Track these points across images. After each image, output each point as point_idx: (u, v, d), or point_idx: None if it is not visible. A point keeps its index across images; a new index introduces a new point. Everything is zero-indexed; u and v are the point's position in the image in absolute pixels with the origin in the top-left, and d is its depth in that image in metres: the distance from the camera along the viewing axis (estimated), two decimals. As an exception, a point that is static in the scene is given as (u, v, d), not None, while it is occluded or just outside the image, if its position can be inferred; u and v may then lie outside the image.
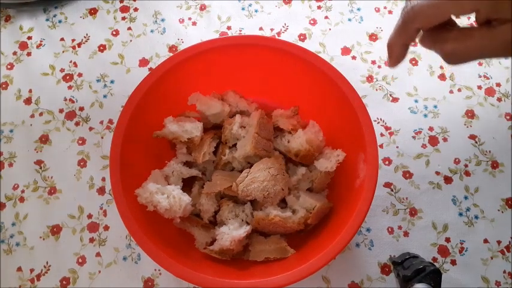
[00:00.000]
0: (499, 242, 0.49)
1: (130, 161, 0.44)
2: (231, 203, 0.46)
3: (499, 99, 0.56)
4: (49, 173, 0.54)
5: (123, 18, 0.63)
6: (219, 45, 0.48)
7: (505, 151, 0.53)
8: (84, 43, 0.61)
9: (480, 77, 0.57)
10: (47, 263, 0.50)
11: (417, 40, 0.35)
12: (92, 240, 0.51)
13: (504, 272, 0.48)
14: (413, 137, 0.54)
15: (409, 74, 0.58)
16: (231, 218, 0.45)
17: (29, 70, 0.60)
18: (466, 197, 0.51)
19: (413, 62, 0.59)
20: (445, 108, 0.56)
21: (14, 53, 0.61)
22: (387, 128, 0.55)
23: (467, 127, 0.55)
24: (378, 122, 0.55)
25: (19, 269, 0.50)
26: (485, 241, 0.49)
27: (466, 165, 0.53)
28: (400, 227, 0.50)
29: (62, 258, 0.50)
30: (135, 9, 0.63)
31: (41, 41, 0.62)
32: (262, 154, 0.45)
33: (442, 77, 0.58)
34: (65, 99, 0.58)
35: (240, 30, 0.61)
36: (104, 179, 0.54)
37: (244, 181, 0.43)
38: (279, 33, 0.61)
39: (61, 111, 0.57)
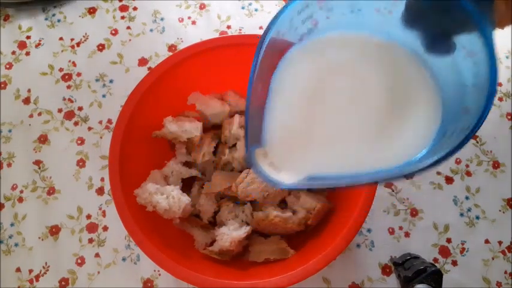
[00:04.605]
0: (500, 243, 0.49)
1: (130, 161, 0.44)
2: (231, 204, 0.46)
3: (500, 99, 0.56)
4: (48, 173, 0.54)
5: (122, 18, 0.62)
6: (219, 44, 0.47)
7: (506, 151, 0.53)
8: (83, 42, 0.61)
9: (481, 76, 0.57)
10: (46, 263, 0.50)
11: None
12: (91, 240, 0.51)
13: (505, 272, 0.48)
14: (414, 137, 0.54)
15: (409, 74, 0.58)
16: (230, 219, 0.45)
17: (28, 70, 0.60)
18: (467, 197, 0.51)
19: (414, 61, 0.58)
20: (446, 108, 0.55)
21: (13, 53, 0.61)
22: (388, 128, 0.55)
23: (469, 127, 0.54)
24: (379, 122, 0.55)
25: (18, 269, 0.50)
26: (487, 241, 0.49)
27: (467, 166, 0.53)
28: (401, 228, 0.50)
29: (61, 258, 0.50)
30: (134, 9, 0.63)
31: (39, 41, 0.62)
32: (262, 154, 0.45)
33: (443, 76, 0.57)
34: (64, 99, 0.58)
35: (240, 30, 0.61)
36: (103, 179, 0.53)
37: (244, 182, 0.43)
38: (279, 33, 0.61)
39: (60, 111, 0.57)
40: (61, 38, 0.62)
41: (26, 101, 0.58)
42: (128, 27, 0.62)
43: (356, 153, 0.30)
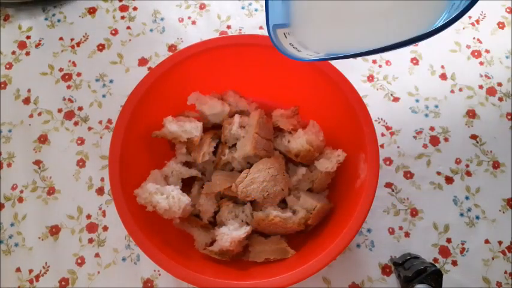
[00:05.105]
0: (500, 243, 0.49)
1: (130, 161, 0.44)
2: (231, 204, 0.46)
3: (500, 99, 0.56)
4: (48, 173, 0.54)
5: (122, 18, 0.62)
6: (219, 44, 0.47)
7: (506, 151, 0.53)
8: (83, 42, 0.61)
9: (481, 76, 0.57)
10: (46, 263, 0.50)
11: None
12: (91, 240, 0.51)
13: (505, 272, 0.48)
14: (414, 137, 0.54)
15: (410, 74, 0.58)
16: (230, 219, 0.45)
17: (28, 70, 0.60)
18: (467, 197, 0.51)
19: (414, 61, 0.58)
20: (446, 108, 0.55)
21: (13, 53, 0.61)
22: (388, 128, 0.55)
23: (469, 127, 0.54)
24: (379, 122, 0.55)
25: (18, 269, 0.50)
26: (487, 241, 0.49)
27: (467, 166, 0.53)
28: (401, 228, 0.50)
29: (60, 258, 0.50)
30: (134, 9, 0.63)
31: (39, 41, 0.62)
32: (262, 154, 0.45)
33: (443, 76, 0.57)
34: (64, 99, 0.58)
35: (240, 30, 0.61)
36: (103, 179, 0.53)
37: (244, 182, 0.43)
38: (279, 33, 0.61)
39: (60, 111, 0.57)
40: (61, 38, 0.62)
41: (26, 101, 0.58)
42: (128, 27, 0.62)
43: (374, 29, 0.31)
